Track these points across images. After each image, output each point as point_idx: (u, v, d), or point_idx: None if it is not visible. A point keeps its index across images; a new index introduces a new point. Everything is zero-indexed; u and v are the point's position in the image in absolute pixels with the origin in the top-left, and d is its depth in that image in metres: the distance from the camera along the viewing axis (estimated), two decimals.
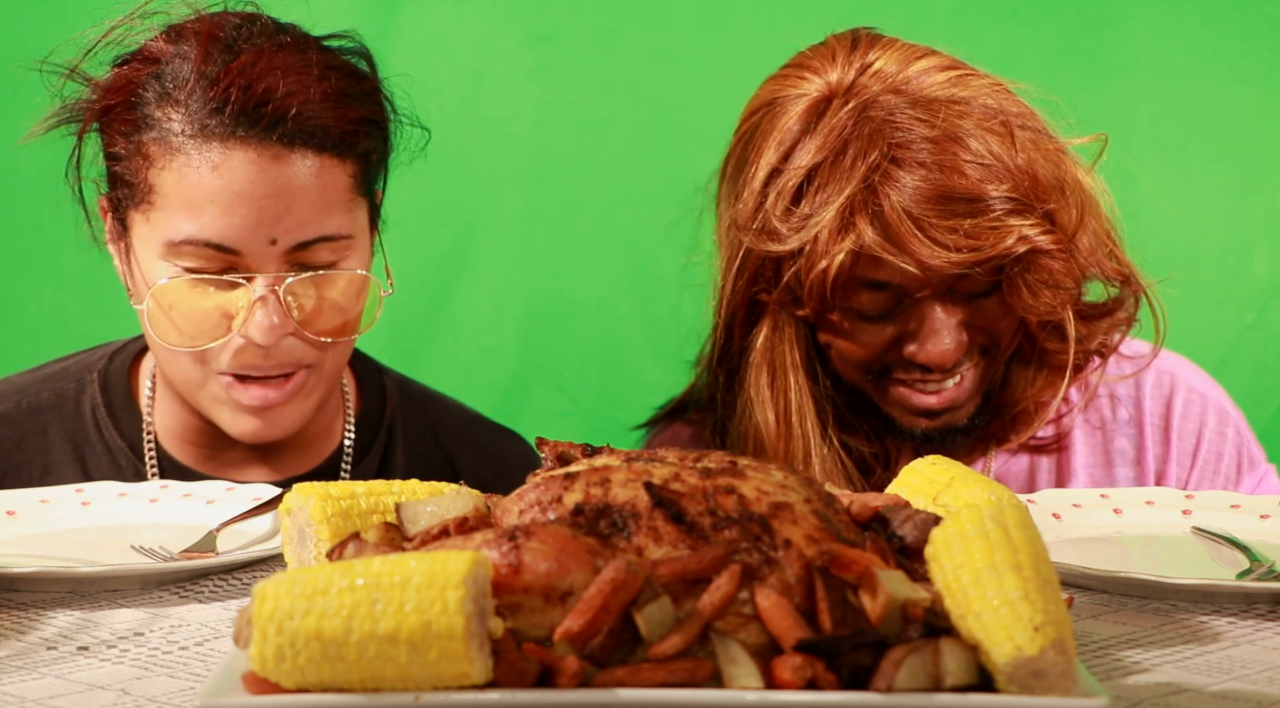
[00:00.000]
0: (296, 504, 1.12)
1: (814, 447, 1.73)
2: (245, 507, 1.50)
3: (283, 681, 0.87)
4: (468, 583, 0.85)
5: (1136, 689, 1.02)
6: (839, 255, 1.59)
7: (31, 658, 1.11)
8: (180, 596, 1.28)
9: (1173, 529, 1.48)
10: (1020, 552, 0.91)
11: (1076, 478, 1.85)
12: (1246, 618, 1.21)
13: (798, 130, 1.65)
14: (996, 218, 1.58)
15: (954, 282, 1.63)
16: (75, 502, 1.53)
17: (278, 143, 1.53)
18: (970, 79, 1.66)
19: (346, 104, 1.58)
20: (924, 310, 1.64)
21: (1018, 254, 1.58)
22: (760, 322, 1.73)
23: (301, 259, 1.56)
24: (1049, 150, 1.65)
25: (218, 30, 1.58)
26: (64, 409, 1.74)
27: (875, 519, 1.04)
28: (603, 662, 0.88)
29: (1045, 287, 1.61)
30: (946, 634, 0.89)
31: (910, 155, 1.59)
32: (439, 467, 1.83)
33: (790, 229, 1.63)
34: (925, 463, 1.23)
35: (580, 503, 0.96)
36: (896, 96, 1.63)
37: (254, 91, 1.52)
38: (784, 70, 1.75)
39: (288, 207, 1.53)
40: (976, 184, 1.58)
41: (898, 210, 1.57)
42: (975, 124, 1.61)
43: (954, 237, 1.57)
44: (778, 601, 0.90)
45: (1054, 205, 1.61)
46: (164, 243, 1.55)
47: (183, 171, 1.53)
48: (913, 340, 1.66)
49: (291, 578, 0.88)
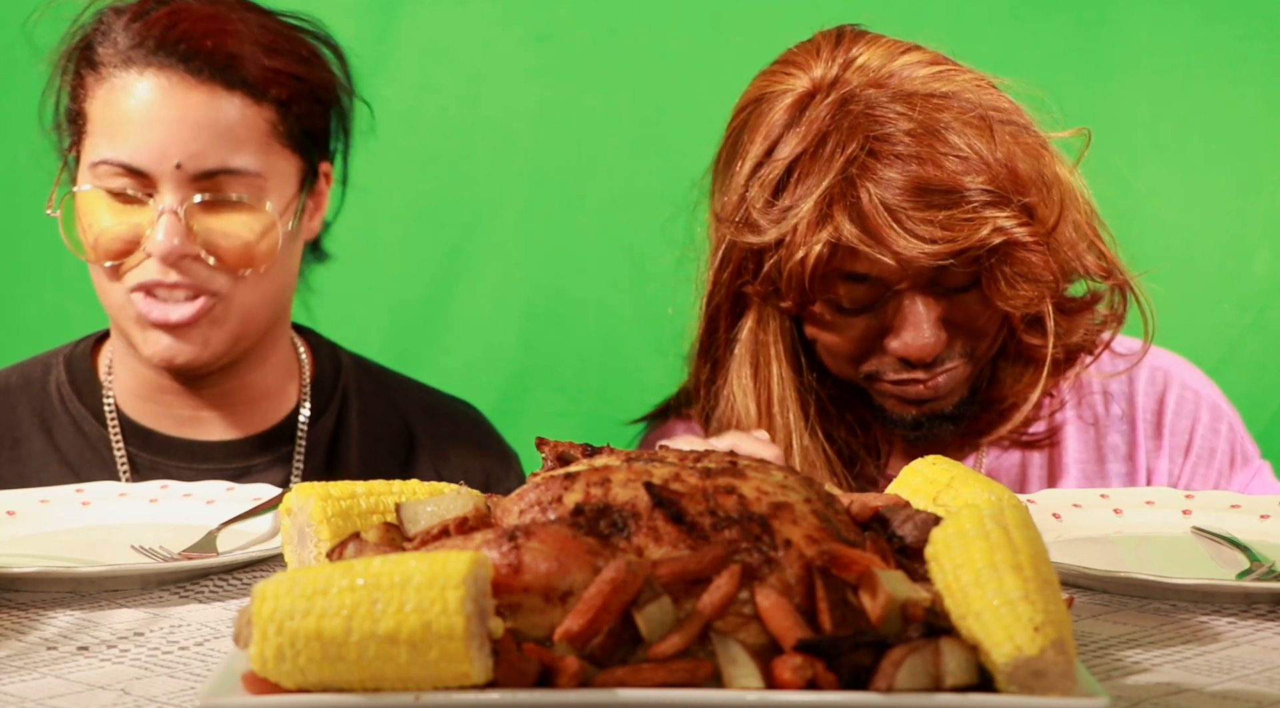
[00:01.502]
0: (296, 504, 1.12)
1: (795, 437, 1.74)
2: (245, 507, 1.50)
3: (283, 681, 0.87)
4: (468, 583, 0.85)
5: (1136, 689, 1.02)
6: (816, 246, 1.60)
7: (31, 658, 1.11)
8: (180, 596, 1.28)
9: (1173, 529, 1.48)
10: (1020, 552, 0.91)
11: (1068, 473, 1.85)
12: (1246, 618, 1.21)
13: (782, 124, 1.67)
14: (973, 210, 1.58)
15: (933, 274, 1.63)
16: (75, 502, 1.53)
17: (191, 74, 1.66)
18: (953, 74, 1.67)
19: (267, 54, 1.70)
20: (904, 304, 1.65)
21: (994, 245, 1.59)
22: (745, 314, 1.75)
23: (207, 188, 1.66)
24: (1029, 145, 1.65)
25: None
26: (31, 389, 1.83)
27: (875, 519, 1.04)
28: (603, 662, 0.88)
29: (1023, 279, 1.62)
30: (946, 634, 0.89)
31: (888, 148, 1.60)
32: (394, 430, 1.89)
33: (770, 221, 1.64)
34: (925, 463, 1.23)
35: (580, 503, 0.96)
36: (878, 90, 1.64)
37: (178, 29, 1.66)
38: (772, 67, 1.76)
39: (194, 134, 1.64)
40: (953, 176, 1.58)
41: (875, 202, 1.58)
42: (955, 117, 1.61)
43: (929, 228, 1.57)
44: (778, 601, 0.90)
45: (1032, 199, 1.61)
46: (87, 165, 1.69)
47: (106, 98, 1.67)
48: (894, 334, 1.66)
49: (291, 578, 0.88)
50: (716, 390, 1.79)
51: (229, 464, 1.79)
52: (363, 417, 1.88)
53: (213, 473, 1.74)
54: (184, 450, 1.79)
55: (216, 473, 1.75)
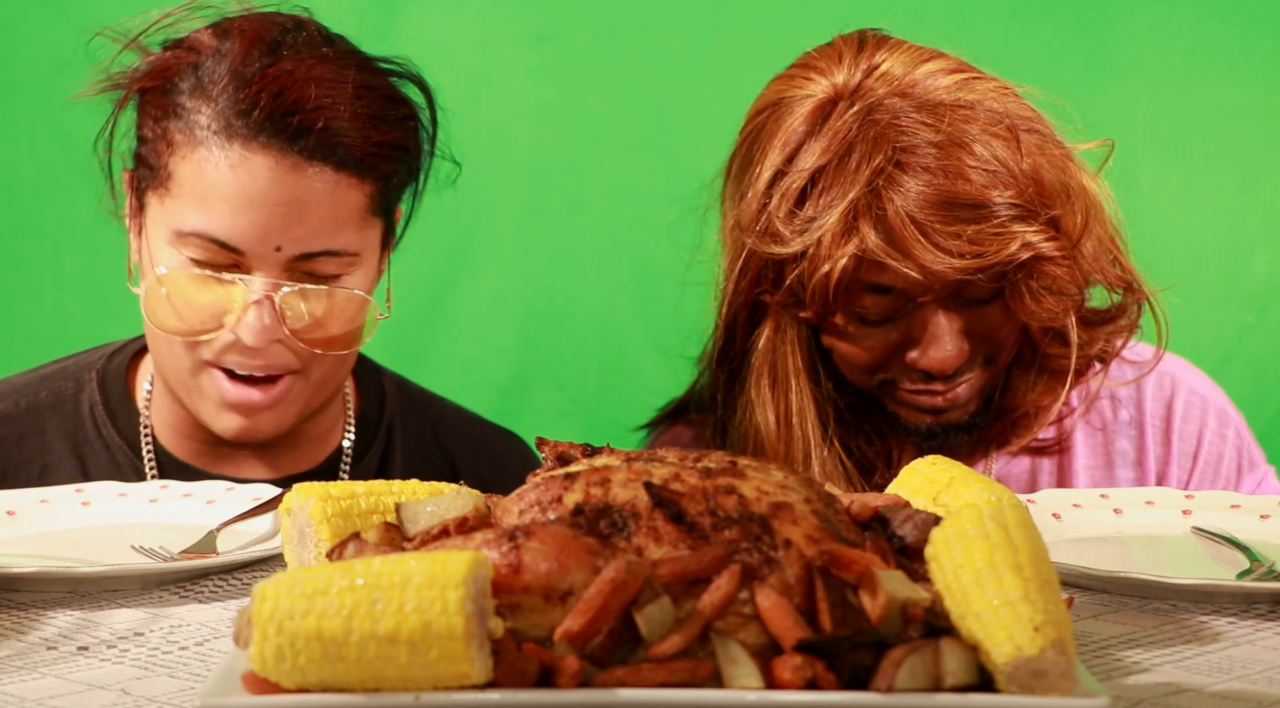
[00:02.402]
0: (296, 504, 1.12)
1: (814, 449, 1.72)
2: (245, 507, 1.50)
3: (283, 681, 0.87)
4: (468, 583, 0.85)
5: (1136, 689, 1.02)
6: (842, 260, 1.58)
7: (31, 658, 1.11)
8: (180, 596, 1.28)
9: (1173, 529, 1.48)
10: (1020, 552, 0.91)
11: (1078, 479, 1.84)
12: (1246, 618, 1.21)
13: (803, 132, 1.64)
14: (1000, 224, 1.57)
15: (957, 287, 1.62)
16: (75, 502, 1.53)
17: (298, 154, 1.54)
18: (977, 82, 1.65)
19: (374, 126, 1.59)
20: (926, 316, 1.64)
21: (1021, 260, 1.57)
22: (762, 323, 1.73)
23: (304, 269, 1.58)
24: (1055, 155, 1.64)
25: (263, 32, 1.59)
26: (63, 409, 1.75)
27: (875, 519, 1.04)
28: (603, 662, 0.88)
29: (1049, 293, 1.61)
30: (946, 634, 0.89)
31: (915, 160, 1.58)
32: (439, 467, 1.83)
33: (793, 232, 1.62)
34: (925, 463, 1.23)
35: (580, 503, 0.96)
36: (902, 100, 1.62)
37: (284, 99, 1.54)
38: (790, 70, 1.74)
39: (298, 217, 1.55)
40: (981, 190, 1.57)
41: (901, 215, 1.56)
42: (981, 129, 1.60)
43: (958, 242, 1.56)
44: (778, 601, 0.90)
45: (1059, 211, 1.60)
46: (173, 230, 1.57)
47: (201, 165, 1.55)
48: (915, 346, 1.65)
49: (291, 578, 0.88)
50: (734, 401, 1.78)
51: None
52: (406, 453, 1.83)
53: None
54: None
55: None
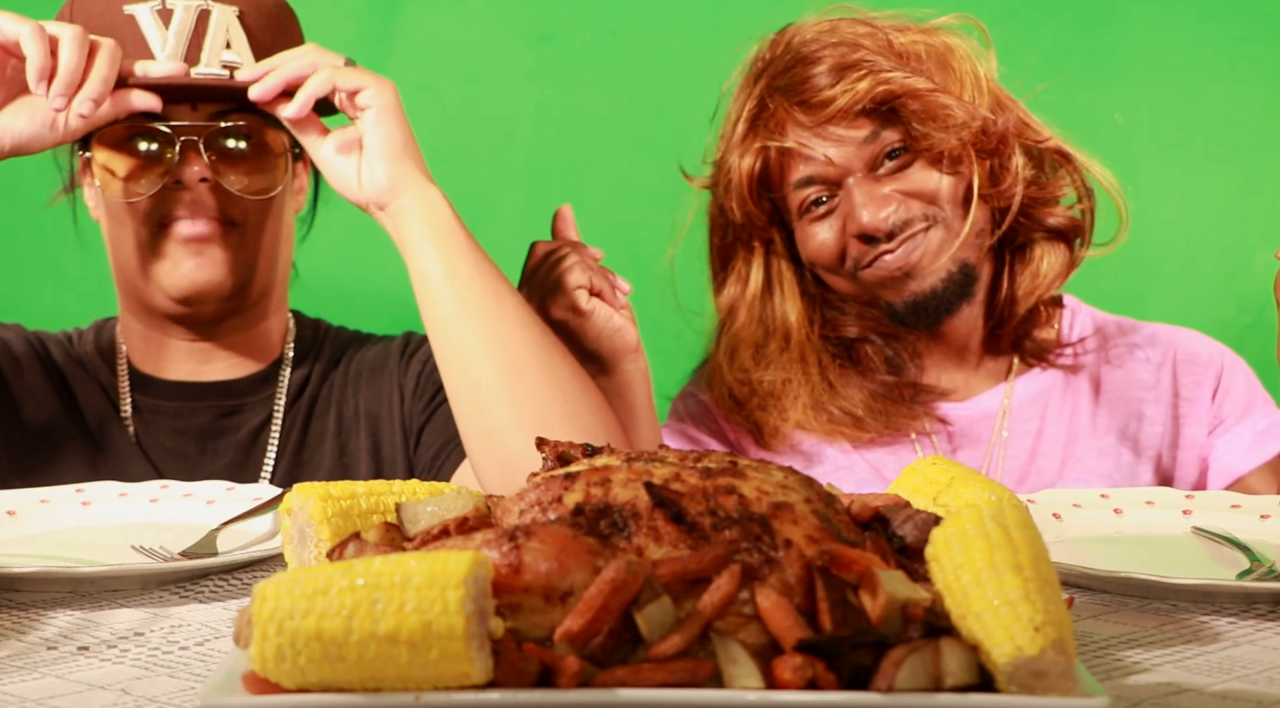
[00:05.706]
0: (297, 504, 1.12)
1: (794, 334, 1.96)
2: (245, 507, 1.50)
3: (283, 681, 0.87)
4: (468, 583, 0.85)
5: (1136, 689, 1.02)
6: (746, 156, 1.87)
7: (31, 658, 1.11)
8: (180, 596, 1.28)
9: (1173, 529, 1.49)
10: (1020, 552, 0.91)
11: (1093, 403, 1.99)
12: (1246, 618, 1.21)
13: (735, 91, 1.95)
14: (861, 75, 1.81)
15: (869, 161, 1.84)
16: (75, 502, 1.53)
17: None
18: (880, 22, 1.90)
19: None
20: (851, 191, 1.85)
21: (896, 97, 1.80)
22: (751, 260, 1.98)
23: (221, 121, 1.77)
24: (932, 45, 1.88)
25: None
26: (58, 340, 1.99)
27: (875, 519, 1.04)
28: (603, 662, 0.88)
29: (934, 123, 1.81)
30: (947, 634, 0.89)
31: (805, 57, 1.85)
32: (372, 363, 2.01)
33: (716, 156, 1.94)
34: (925, 463, 1.23)
35: (580, 503, 0.96)
36: (799, 37, 1.89)
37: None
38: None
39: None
40: (847, 57, 1.83)
41: (783, 103, 1.84)
42: (866, 36, 1.86)
43: (827, 94, 1.81)
44: (778, 601, 0.90)
45: (925, 68, 1.85)
46: (110, 133, 1.75)
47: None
48: (851, 219, 1.85)
49: (291, 578, 0.88)
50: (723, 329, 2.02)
51: (223, 401, 1.91)
52: (342, 362, 2.01)
53: (206, 411, 1.89)
54: (180, 391, 1.90)
55: (209, 411, 1.89)
